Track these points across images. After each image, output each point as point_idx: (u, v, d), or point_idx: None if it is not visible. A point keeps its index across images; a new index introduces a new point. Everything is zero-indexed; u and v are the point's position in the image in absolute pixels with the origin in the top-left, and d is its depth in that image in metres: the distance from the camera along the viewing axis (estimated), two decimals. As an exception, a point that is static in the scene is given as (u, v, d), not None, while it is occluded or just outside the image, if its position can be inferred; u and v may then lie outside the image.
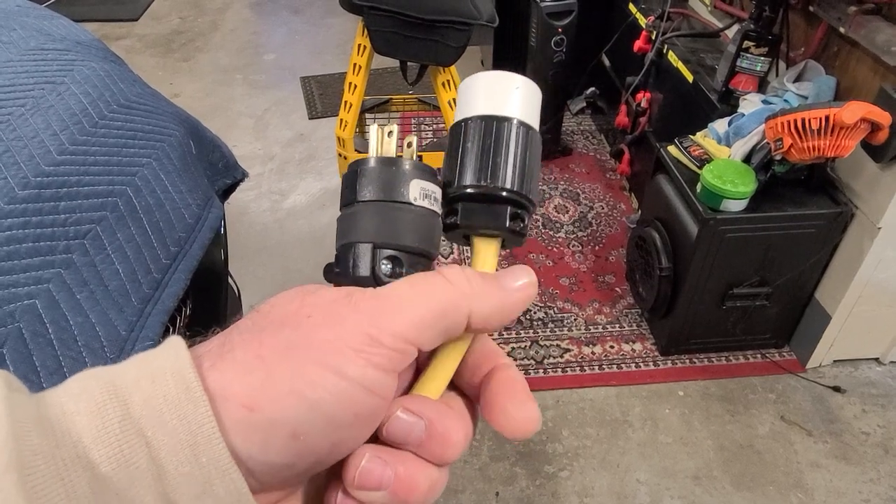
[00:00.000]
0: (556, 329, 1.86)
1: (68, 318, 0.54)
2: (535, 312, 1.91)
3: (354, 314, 0.22)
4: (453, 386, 0.27)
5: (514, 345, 1.81)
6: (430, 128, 2.73)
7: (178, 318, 0.79)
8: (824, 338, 1.67)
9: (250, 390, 0.20)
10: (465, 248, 2.01)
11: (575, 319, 1.89)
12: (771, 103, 1.55)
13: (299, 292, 0.23)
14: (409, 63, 1.97)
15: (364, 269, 0.24)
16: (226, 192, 1.00)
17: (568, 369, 1.75)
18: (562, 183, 2.43)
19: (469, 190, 0.26)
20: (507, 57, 2.47)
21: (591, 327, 1.87)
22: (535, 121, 0.28)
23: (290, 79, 3.11)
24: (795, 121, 1.31)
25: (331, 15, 3.74)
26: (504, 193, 0.26)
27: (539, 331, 1.86)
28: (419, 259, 0.26)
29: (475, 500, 1.46)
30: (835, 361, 1.75)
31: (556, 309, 1.92)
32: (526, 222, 0.28)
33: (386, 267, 0.24)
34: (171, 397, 0.20)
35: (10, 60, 0.75)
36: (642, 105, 2.10)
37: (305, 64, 3.25)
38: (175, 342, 0.21)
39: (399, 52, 1.87)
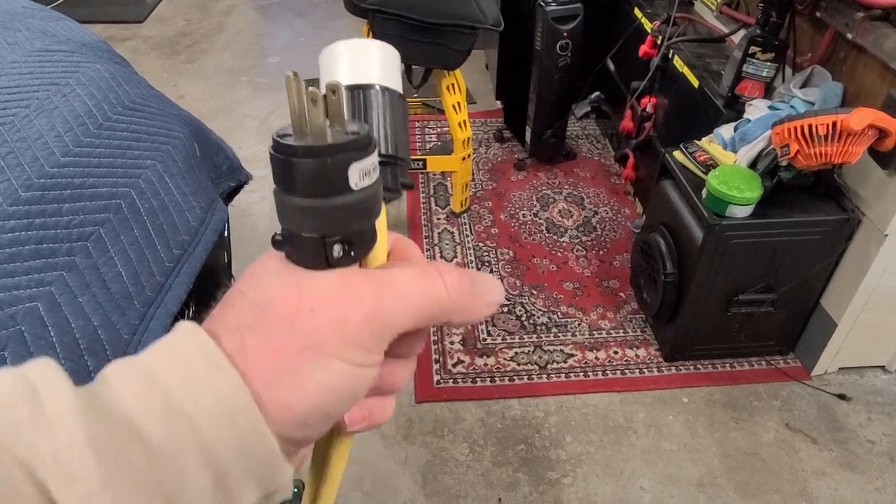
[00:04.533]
0: (559, 334, 1.86)
1: (70, 321, 0.54)
2: (538, 317, 1.90)
3: (358, 311, 0.24)
4: None
5: (518, 349, 1.81)
6: (435, 131, 2.72)
7: (181, 320, 0.78)
8: (830, 345, 1.66)
9: (284, 395, 0.24)
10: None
11: (579, 324, 1.88)
12: (777, 109, 1.54)
13: (292, 281, 0.25)
14: (413, 66, 1.97)
15: (318, 260, 0.26)
16: (230, 195, 0.99)
17: (571, 375, 1.74)
18: (566, 187, 2.42)
19: None
20: (513, 61, 2.47)
21: (594, 332, 1.86)
22: (395, 81, 0.30)
23: (295, 81, 3.11)
24: (802, 127, 1.30)
25: (335, 18, 3.74)
26: (378, 159, 0.28)
27: (543, 335, 1.85)
28: (367, 230, 0.27)
29: (477, 505, 1.45)
30: (840, 369, 1.74)
31: (559, 314, 1.92)
32: (398, 177, 0.30)
33: (337, 251, 0.26)
34: (204, 377, 0.23)
35: (15, 62, 0.75)
36: (647, 110, 2.09)
37: (310, 67, 3.25)
38: (192, 331, 0.24)
39: (404, 56, 1.86)
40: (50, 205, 0.56)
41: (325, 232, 0.25)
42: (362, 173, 0.25)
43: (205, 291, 0.82)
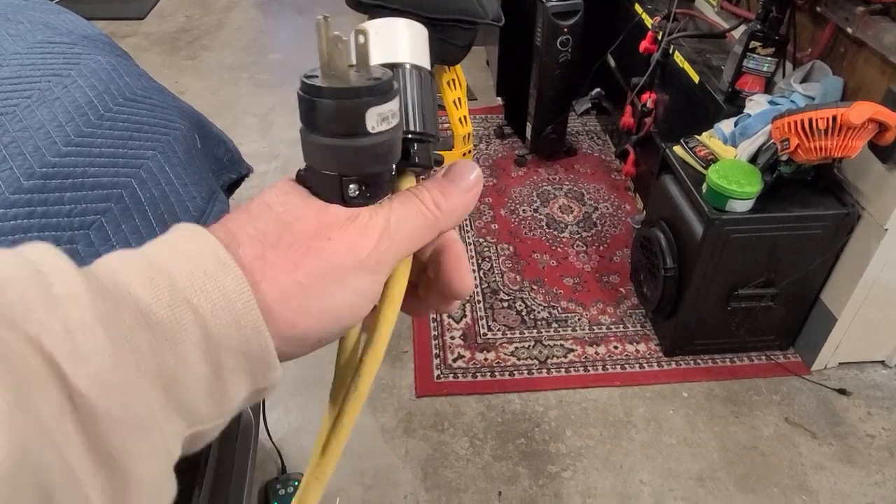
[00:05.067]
0: (559, 329, 1.86)
1: (72, 308, 0.54)
2: (538, 312, 1.91)
3: (365, 242, 0.27)
4: None
5: (518, 344, 1.81)
6: (435, 127, 2.72)
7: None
8: (830, 340, 1.66)
9: (292, 312, 0.25)
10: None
11: (579, 319, 1.89)
12: (777, 104, 1.54)
13: (314, 209, 0.27)
14: (414, 62, 1.97)
15: (334, 197, 0.27)
16: (231, 187, 1.00)
17: (571, 369, 1.75)
18: (567, 183, 2.42)
19: None
20: (513, 57, 2.47)
21: (594, 327, 1.86)
22: (423, 58, 0.31)
23: (296, 78, 3.08)
24: (802, 121, 1.30)
25: (336, 14, 3.71)
26: (409, 136, 0.30)
27: (543, 330, 1.85)
28: (382, 175, 0.29)
29: (477, 499, 1.45)
30: (840, 364, 1.74)
31: (559, 309, 1.92)
32: (430, 153, 0.31)
33: (353, 190, 0.27)
34: (210, 272, 0.24)
35: (16, 53, 0.75)
36: (648, 105, 2.09)
37: (311, 63, 3.20)
38: (194, 229, 0.25)
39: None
40: (52, 193, 0.57)
41: (342, 171, 0.27)
42: (380, 118, 0.27)
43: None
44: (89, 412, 0.20)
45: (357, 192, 0.27)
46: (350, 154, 0.27)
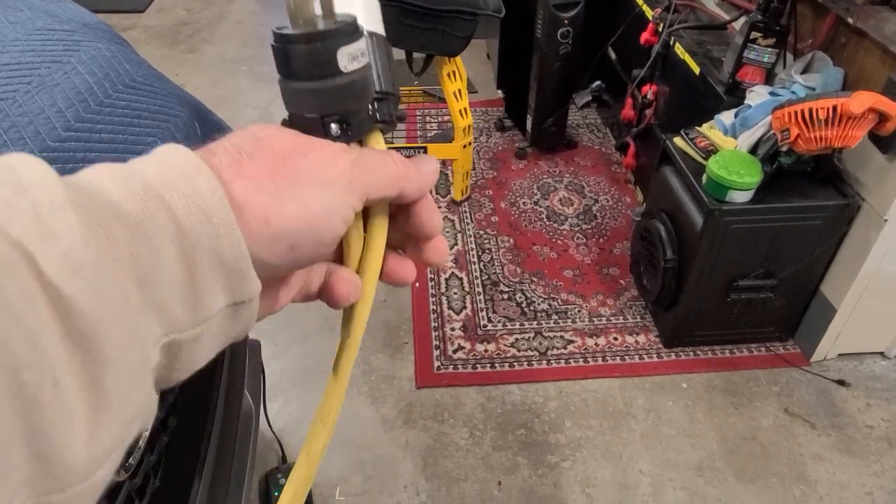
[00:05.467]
0: (559, 321, 1.86)
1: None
2: (538, 304, 1.91)
3: (340, 161, 0.28)
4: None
5: (518, 336, 1.81)
6: (436, 119, 2.72)
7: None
8: (829, 331, 1.66)
9: (265, 207, 0.26)
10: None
11: (579, 311, 1.89)
12: (778, 95, 1.54)
13: (291, 133, 0.28)
14: (414, 53, 1.97)
15: (317, 136, 0.29)
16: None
17: (571, 361, 1.75)
18: (567, 176, 2.42)
19: None
20: (514, 50, 2.46)
21: (594, 319, 1.87)
22: (378, 25, 0.34)
23: (296, 71, 3.11)
24: (803, 110, 1.30)
25: (337, 7, 3.73)
26: (373, 95, 0.32)
27: (543, 322, 1.86)
28: (360, 112, 0.31)
29: (477, 489, 1.46)
30: (839, 355, 1.75)
31: (559, 300, 1.92)
32: (391, 110, 0.33)
33: (335, 130, 0.29)
34: (183, 173, 0.24)
35: (16, 39, 0.75)
36: (648, 97, 2.09)
37: (311, 56, 3.25)
38: (171, 145, 0.25)
39: (405, 43, 1.86)
40: (52, 177, 0.57)
41: (323, 111, 0.29)
42: (350, 57, 0.29)
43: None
44: (60, 292, 0.19)
45: (339, 131, 0.29)
46: (327, 94, 0.29)
